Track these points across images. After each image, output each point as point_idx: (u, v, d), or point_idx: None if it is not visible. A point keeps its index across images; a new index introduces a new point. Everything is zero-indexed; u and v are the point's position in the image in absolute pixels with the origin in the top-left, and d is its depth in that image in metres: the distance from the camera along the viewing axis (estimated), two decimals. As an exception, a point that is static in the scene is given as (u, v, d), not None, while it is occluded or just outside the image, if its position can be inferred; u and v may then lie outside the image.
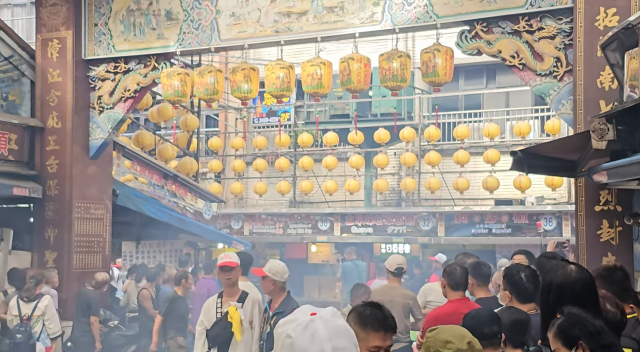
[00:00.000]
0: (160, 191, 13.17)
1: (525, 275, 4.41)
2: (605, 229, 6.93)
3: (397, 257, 7.79)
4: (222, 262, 6.42)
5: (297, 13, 8.77)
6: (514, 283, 4.32)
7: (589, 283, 2.96)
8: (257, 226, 17.36)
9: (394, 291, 7.65)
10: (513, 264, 4.84)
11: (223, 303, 6.45)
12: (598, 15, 7.05)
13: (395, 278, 7.68)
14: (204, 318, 6.52)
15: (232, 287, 6.47)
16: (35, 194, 9.70)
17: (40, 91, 10.02)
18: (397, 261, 7.64)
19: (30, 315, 8.12)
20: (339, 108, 17.03)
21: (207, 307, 6.56)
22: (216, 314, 6.44)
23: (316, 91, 8.67)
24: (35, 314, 8.16)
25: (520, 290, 4.31)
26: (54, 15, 9.95)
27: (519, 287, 4.31)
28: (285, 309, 5.89)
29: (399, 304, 7.56)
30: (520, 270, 4.47)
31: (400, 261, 7.67)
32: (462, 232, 15.39)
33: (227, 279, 6.42)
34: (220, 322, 6.34)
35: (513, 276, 4.35)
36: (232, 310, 6.27)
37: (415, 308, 7.69)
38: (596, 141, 5.00)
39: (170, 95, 9.28)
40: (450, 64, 8.13)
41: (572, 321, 2.72)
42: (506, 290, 4.33)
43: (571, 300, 2.85)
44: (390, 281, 7.78)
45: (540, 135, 16.26)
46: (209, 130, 19.60)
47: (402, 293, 7.71)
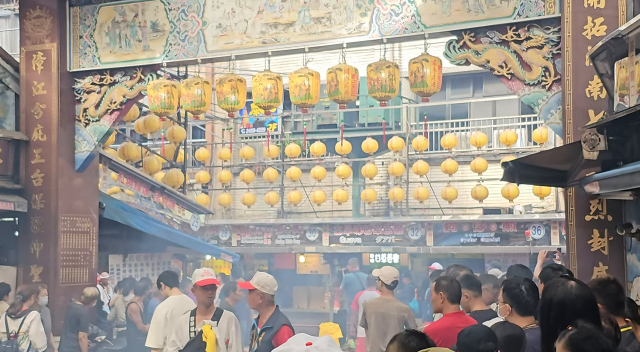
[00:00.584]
0: (147, 203, 13.07)
1: (525, 288, 4.37)
2: (596, 238, 6.91)
3: (392, 270, 7.71)
4: (207, 280, 6.07)
5: (284, 24, 8.73)
6: (514, 296, 4.27)
7: (590, 300, 2.92)
8: (245, 237, 17.27)
9: (388, 304, 7.59)
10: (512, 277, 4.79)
11: (197, 321, 6.09)
12: (586, 24, 7.05)
13: (389, 291, 7.61)
14: (177, 338, 6.16)
15: (209, 306, 6.16)
16: (21, 208, 9.57)
17: (25, 104, 9.91)
18: (394, 274, 7.59)
19: (17, 332, 7.99)
20: (327, 118, 17.01)
21: (180, 326, 6.20)
22: (189, 334, 6.08)
23: (304, 102, 8.63)
24: (22, 331, 8.03)
25: (521, 303, 4.27)
26: (39, 28, 9.85)
27: (519, 300, 4.26)
28: (274, 324, 5.70)
29: (395, 317, 7.51)
30: (520, 283, 4.43)
31: (396, 274, 7.62)
32: (451, 242, 15.37)
33: (209, 298, 6.13)
34: (195, 342, 5.99)
35: (513, 289, 4.31)
36: (207, 329, 5.93)
37: (410, 320, 7.63)
38: (587, 152, 4.99)
39: (157, 107, 9.20)
40: (439, 74, 8.12)
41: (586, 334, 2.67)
42: (506, 303, 4.29)
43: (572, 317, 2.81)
44: (384, 293, 7.70)
45: (527, 144, 16.30)
46: (196, 141, 19.53)
47: (397, 306, 7.65)
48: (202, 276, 6.07)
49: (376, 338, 7.49)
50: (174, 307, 6.96)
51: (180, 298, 7.38)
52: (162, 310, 6.98)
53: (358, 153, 16.04)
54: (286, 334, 5.46)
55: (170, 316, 6.85)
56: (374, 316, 7.57)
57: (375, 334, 7.53)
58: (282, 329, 5.64)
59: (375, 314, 7.56)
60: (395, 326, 7.50)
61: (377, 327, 7.53)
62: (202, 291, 6.06)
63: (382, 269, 7.82)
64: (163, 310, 6.97)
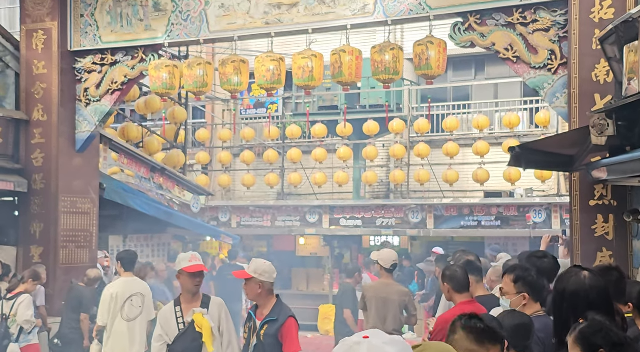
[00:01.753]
0: (147, 183, 13.02)
1: (535, 273, 4.31)
2: (600, 224, 6.87)
3: (391, 253, 7.67)
4: (196, 266, 5.51)
5: (287, 4, 8.63)
6: (530, 283, 4.17)
7: (604, 290, 2.88)
8: (245, 219, 17.25)
9: (389, 288, 7.57)
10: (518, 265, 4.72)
11: (184, 311, 5.52)
12: (593, 7, 6.97)
13: (389, 274, 7.58)
14: (163, 332, 5.54)
15: (195, 294, 5.59)
16: (21, 188, 9.53)
17: (25, 83, 9.83)
18: (392, 257, 7.53)
19: (8, 315, 7.95)
20: (328, 99, 16.93)
21: (165, 318, 5.59)
22: (178, 326, 5.49)
23: (307, 84, 8.56)
24: (12, 314, 7.96)
25: (537, 289, 4.19)
26: (39, 6, 9.74)
27: (535, 287, 4.18)
28: (279, 316, 5.27)
29: (395, 301, 7.49)
30: (530, 269, 4.36)
31: (394, 257, 7.56)
32: (451, 225, 15.37)
33: (197, 285, 5.56)
34: (187, 333, 5.44)
35: (528, 277, 4.20)
36: (199, 317, 5.42)
37: (410, 305, 7.63)
38: (596, 137, 4.93)
39: (159, 87, 9.13)
40: (444, 57, 8.05)
41: (596, 328, 2.63)
42: (522, 292, 4.17)
43: (585, 308, 2.77)
44: (383, 277, 7.67)
45: (530, 127, 16.24)
46: (196, 122, 19.43)
47: (397, 290, 7.63)
48: (189, 262, 5.52)
49: (377, 322, 7.46)
50: (121, 288, 7.59)
51: (130, 280, 7.74)
52: (110, 290, 7.63)
53: (359, 135, 15.97)
54: (293, 327, 5.22)
55: (116, 296, 7.51)
56: (375, 300, 7.54)
57: (376, 317, 7.51)
58: (288, 322, 5.25)
59: (376, 298, 7.53)
60: (395, 310, 7.49)
61: (378, 311, 7.51)
62: (190, 278, 5.51)
63: (381, 252, 7.77)
64: (110, 290, 7.63)
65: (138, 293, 7.68)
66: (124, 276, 7.79)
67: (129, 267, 7.82)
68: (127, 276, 7.77)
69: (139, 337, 7.60)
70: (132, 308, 7.60)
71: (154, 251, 13.28)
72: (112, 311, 7.52)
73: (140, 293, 7.70)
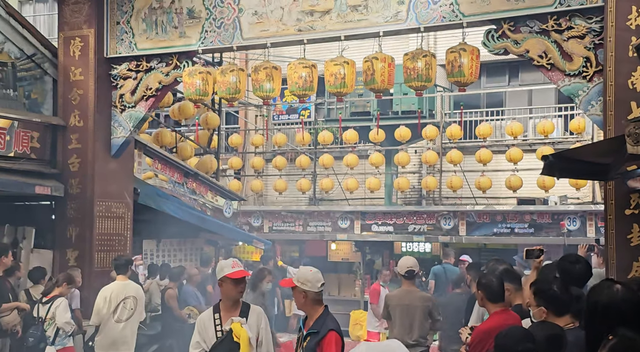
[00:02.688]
0: (180, 188, 13.15)
1: (557, 286, 4.27)
2: (635, 233, 6.77)
3: (407, 259, 7.62)
4: (239, 272, 5.37)
5: (320, 11, 8.67)
6: (548, 298, 4.15)
7: (637, 304, 2.84)
8: (277, 224, 17.30)
9: (411, 295, 7.53)
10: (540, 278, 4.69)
11: (222, 319, 5.36)
12: (630, 14, 6.89)
13: (408, 281, 7.53)
14: (201, 339, 5.38)
15: (236, 301, 5.43)
16: (57, 192, 9.69)
17: (63, 89, 10.01)
18: (407, 263, 7.48)
19: (45, 318, 8.07)
20: (360, 105, 16.95)
21: (203, 326, 5.41)
22: (216, 333, 5.33)
23: (339, 91, 8.58)
24: (49, 317, 8.09)
25: (557, 303, 4.16)
26: (76, 14, 9.92)
27: (555, 301, 4.15)
28: (320, 329, 5.04)
29: (419, 308, 7.45)
30: (551, 282, 4.34)
31: (410, 264, 7.47)
32: (484, 232, 15.22)
33: (240, 292, 5.42)
34: (224, 342, 5.26)
35: (546, 291, 4.18)
36: (237, 327, 5.24)
37: (433, 309, 7.57)
38: (631, 146, 4.87)
39: (192, 94, 9.22)
40: (476, 64, 8.00)
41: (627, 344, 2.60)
42: (540, 306, 4.16)
43: (618, 321, 2.74)
44: (404, 284, 7.63)
45: (564, 134, 16.07)
46: (229, 128, 19.57)
47: (420, 296, 7.58)
48: (232, 268, 5.35)
49: (402, 331, 7.43)
50: (114, 291, 8.09)
51: (124, 283, 8.23)
52: (104, 293, 8.11)
53: (391, 141, 15.94)
54: (333, 342, 5.00)
55: (109, 298, 8.02)
56: (399, 308, 7.50)
57: (401, 326, 7.47)
58: (328, 336, 5.01)
59: (400, 307, 7.49)
60: (420, 317, 7.45)
61: (402, 319, 7.47)
62: (234, 284, 5.34)
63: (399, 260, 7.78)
64: (104, 293, 8.10)
65: (131, 296, 8.19)
66: (118, 279, 8.27)
67: (122, 270, 8.31)
68: (121, 279, 8.25)
69: (130, 337, 8.22)
70: (125, 310, 8.13)
71: (187, 256, 13.40)
72: (105, 312, 8.05)
73: (133, 296, 8.21)
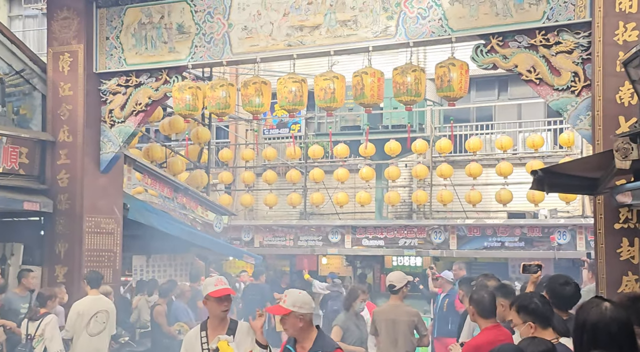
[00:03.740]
0: (170, 203, 13.11)
1: (538, 300, 4.29)
2: (625, 247, 6.79)
3: (394, 274, 7.60)
4: (222, 291, 5.17)
5: (309, 27, 8.69)
6: (532, 311, 4.15)
7: (625, 323, 2.81)
8: (267, 238, 17.26)
9: (397, 309, 7.49)
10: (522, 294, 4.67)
11: (209, 337, 5.16)
12: (617, 29, 6.94)
13: (395, 296, 7.51)
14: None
15: (223, 319, 5.23)
16: (46, 208, 9.62)
17: (52, 105, 9.97)
18: (390, 278, 7.44)
19: (34, 335, 8.00)
20: (350, 120, 16.99)
21: (190, 344, 5.25)
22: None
23: (329, 105, 8.59)
24: (38, 334, 7.99)
25: (541, 316, 4.17)
26: (66, 29, 9.90)
27: (539, 314, 4.16)
28: (323, 348, 4.73)
29: (404, 322, 7.40)
30: (530, 296, 4.35)
31: (392, 278, 7.43)
32: (475, 245, 15.25)
33: (224, 311, 5.20)
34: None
35: (529, 305, 4.19)
36: (224, 346, 5.05)
37: (419, 324, 7.54)
38: (620, 161, 4.89)
39: (182, 109, 9.21)
40: (466, 78, 8.03)
41: None
42: (526, 321, 4.15)
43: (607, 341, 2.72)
44: (391, 299, 7.60)
45: (554, 148, 16.13)
46: (220, 142, 19.56)
47: (406, 311, 7.54)
48: (215, 286, 5.20)
49: (388, 346, 7.39)
50: (87, 305, 8.19)
51: (96, 298, 8.33)
52: (76, 307, 8.19)
53: (381, 155, 15.97)
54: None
55: (81, 312, 8.11)
56: (384, 322, 7.46)
57: (387, 341, 7.43)
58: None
59: (386, 321, 7.45)
60: (405, 331, 7.41)
61: (388, 334, 7.43)
62: (217, 302, 5.15)
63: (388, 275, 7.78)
64: (77, 307, 8.19)
65: (103, 310, 8.28)
66: (90, 294, 8.33)
67: (94, 285, 8.38)
68: (94, 294, 8.34)
69: (102, 350, 8.31)
70: (97, 324, 8.21)
71: (177, 271, 13.33)
72: (78, 326, 8.12)
73: (105, 310, 8.31)
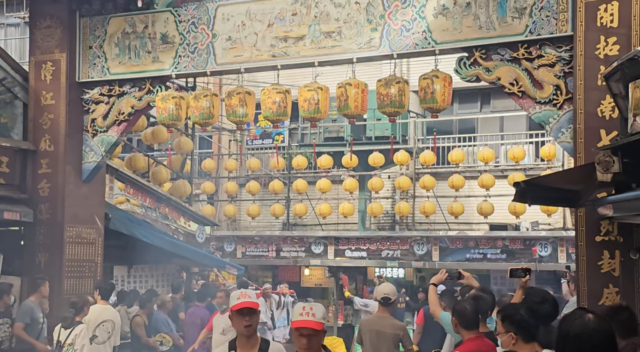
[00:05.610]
0: (152, 213, 13.04)
1: (524, 311, 4.27)
2: (606, 259, 6.83)
3: (384, 286, 7.60)
4: (242, 303, 4.69)
5: (294, 38, 8.71)
6: (517, 322, 4.13)
7: (608, 335, 2.82)
8: (250, 249, 17.20)
9: (383, 321, 7.47)
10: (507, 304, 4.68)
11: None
12: (598, 43, 7.01)
13: (383, 308, 7.50)
14: None
15: (250, 337, 4.72)
16: (26, 217, 9.53)
17: (33, 114, 9.89)
18: (384, 290, 7.44)
19: (63, 343, 7.99)
20: (334, 131, 17.01)
21: None
22: None
23: (313, 116, 8.60)
24: (67, 343, 8.01)
25: (525, 328, 4.15)
26: (48, 38, 9.84)
27: (523, 326, 4.14)
28: None
29: (389, 335, 7.38)
30: (518, 307, 4.35)
31: (387, 291, 7.43)
32: (457, 257, 15.29)
33: (247, 326, 4.66)
34: None
35: (514, 315, 4.17)
36: None
37: (405, 339, 7.52)
38: (601, 174, 4.94)
39: (165, 118, 9.18)
40: (449, 91, 8.08)
41: None
42: (509, 331, 4.14)
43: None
44: (379, 310, 7.60)
45: (535, 161, 16.24)
46: (203, 152, 19.51)
47: (391, 324, 7.52)
48: (237, 299, 4.77)
49: None
50: (95, 314, 8.38)
51: (104, 307, 8.61)
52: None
53: (364, 166, 16.00)
54: None
55: (89, 320, 8.28)
56: (369, 333, 7.45)
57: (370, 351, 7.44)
58: None
59: (370, 332, 7.44)
60: (389, 343, 7.39)
61: (372, 344, 7.42)
62: (238, 316, 4.67)
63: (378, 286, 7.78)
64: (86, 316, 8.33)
65: (109, 320, 8.54)
66: (99, 303, 8.55)
67: (105, 296, 8.69)
68: (103, 304, 8.60)
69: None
70: (104, 332, 8.45)
71: (159, 282, 13.23)
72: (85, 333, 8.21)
73: (111, 320, 8.57)
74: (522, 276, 5.56)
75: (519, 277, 5.62)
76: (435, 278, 6.40)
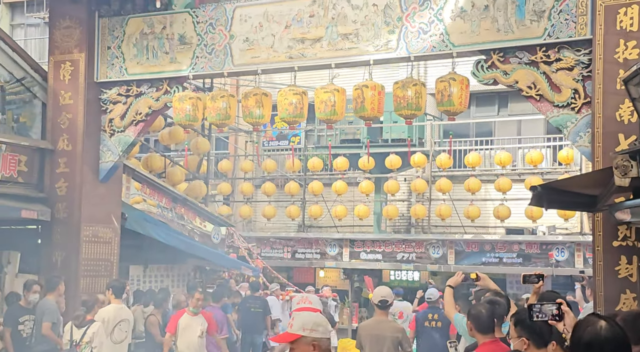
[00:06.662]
0: (168, 213, 13.08)
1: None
2: (623, 265, 6.77)
3: (381, 289, 7.54)
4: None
5: (311, 39, 8.71)
6: (529, 327, 4.08)
7: (621, 343, 2.75)
8: (265, 250, 17.23)
9: (382, 324, 7.42)
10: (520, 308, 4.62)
11: None
12: (618, 47, 6.96)
13: (381, 311, 7.45)
14: None
15: None
16: (44, 216, 9.60)
17: (52, 113, 9.97)
18: (381, 293, 7.39)
19: (79, 341, 8.03)
20: (350, 133, 16.99)
21: None
22: None
23: (329, 118, 8.60)
24: (84, 341, 8.05)
25: (538, 334, 4.09)
26: (67, 38, 9.92)
27: (536, 331, 4.09)
28: None
29: (388, 338, 7.34)
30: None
31: (384, 294, 7.38)
32: (472, 261, 15.23)
33: None
34: None
35: (527, 320, 4.12)
36: None
37: (404, 341, 7.48)
38: (619, 178, 4.89)
39: (182, 119, 9.21)
40: (466, 93, 8.04)
41: None
42: (521, 337, 4.08)
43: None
44: (377, 314, 7.55)
45: (553, 165, 16.14)
46: (219, 153, 19.56)
47: (390, 327, 7.47)
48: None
49: None
50: (112, 314, 8.47)
51: (120, 307, 8.67)
52: (101, 315, 8.43)
53: (381, 169, 15.97)
54: None
55: (106, 320, 8.36)
56: (369, 338, 7.40)
57: None
58: None
59: (370, 336, 7.38)
60: (389, 347, 7.35)
61: (372, 349, 7.38)
62: None
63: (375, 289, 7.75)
64: (101, 315, 8.43)
65: (125, 319, 8.62)
66: (114, 303, 8.58)
67: (119, 295, 8.67)
68: (117, 303, 8.62)
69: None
70: (120, 332, 8.50)
71: (174, 281, 13.27)
72: (103, 333, 8.27)
73: (127, 319, 8.67)
74: (535, 281, 5.51)
75: (532, 283, 5.56)
76: (451, 280, 6.36)
